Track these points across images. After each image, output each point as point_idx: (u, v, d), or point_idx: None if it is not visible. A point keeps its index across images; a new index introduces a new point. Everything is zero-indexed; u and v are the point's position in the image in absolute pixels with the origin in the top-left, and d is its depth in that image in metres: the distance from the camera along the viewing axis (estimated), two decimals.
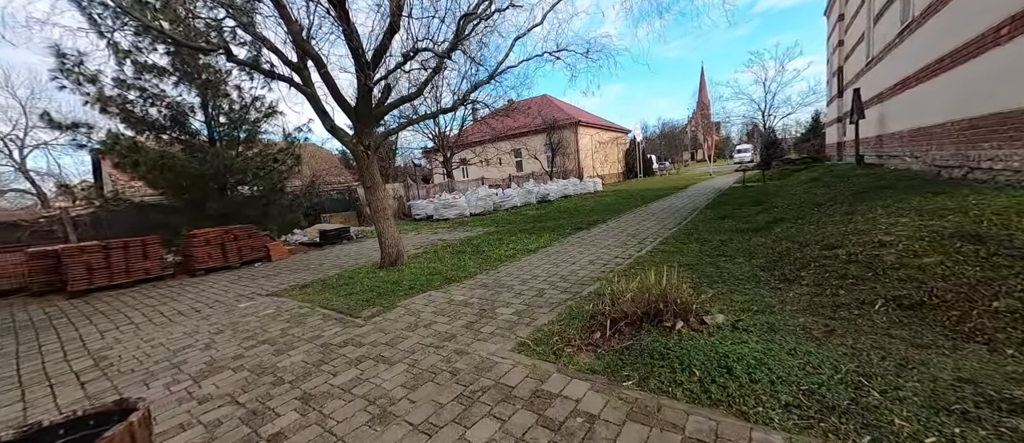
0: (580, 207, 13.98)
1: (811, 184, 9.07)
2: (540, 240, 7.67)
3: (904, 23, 7.93)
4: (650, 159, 43.25)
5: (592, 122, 35.69)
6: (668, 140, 69.31)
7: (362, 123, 5.63)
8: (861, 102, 9.38)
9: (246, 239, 8.37)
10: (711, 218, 8.51)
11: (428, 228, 12.17)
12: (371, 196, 5.94)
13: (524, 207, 16.15)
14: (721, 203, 11.06)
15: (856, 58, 12.20)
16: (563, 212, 12.96)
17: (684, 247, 5.85)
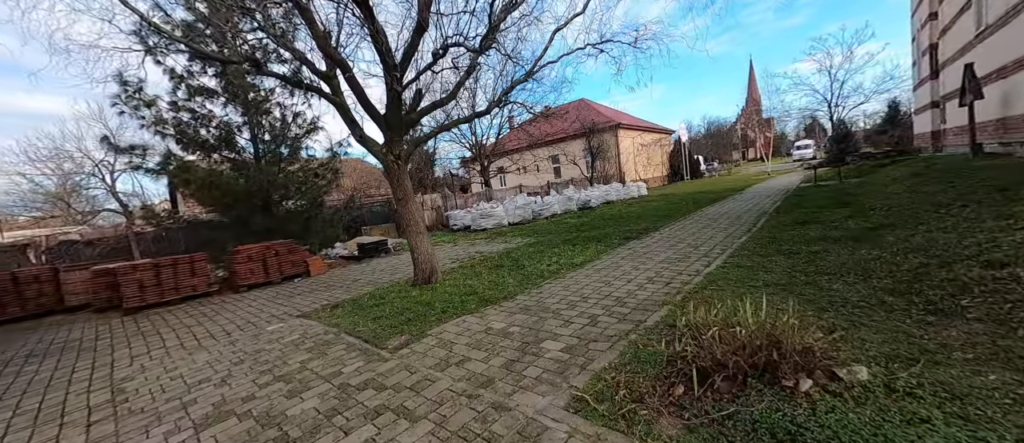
0: (625, 213, 12.97)
1: (915, 181, 7.55)
2: (585, 252, 6.90)
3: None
4: (697, 160, 40.71)
5: (633, 124, 34.19)
6: (715, 139, 65.25)
7: (392, 131, 5.25)
8: (977, 80, 7.73)
9: (286, 255, 8.35)
10: (787, 224, 7.29)
11: (465, 239, 11.76)
12: (403, 209, 5.53)
13: (564, 215, 15.36)
14: (795, 205, 9.64)
15: (959, 30, 10.31)
16: (607, 219, 12.04)
17: (766, 261, 4.84)
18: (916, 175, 7.81)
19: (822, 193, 11.09)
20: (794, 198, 11.02)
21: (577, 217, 13.85)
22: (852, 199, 8.74)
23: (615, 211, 14.31)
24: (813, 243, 5.37)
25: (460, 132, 22.45)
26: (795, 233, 6.32)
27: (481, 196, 19.39)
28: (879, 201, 7.38)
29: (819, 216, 7.47)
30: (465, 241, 11.30)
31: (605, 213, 14.01)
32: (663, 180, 36.59)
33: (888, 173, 10.81)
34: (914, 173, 7.91)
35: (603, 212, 14.51)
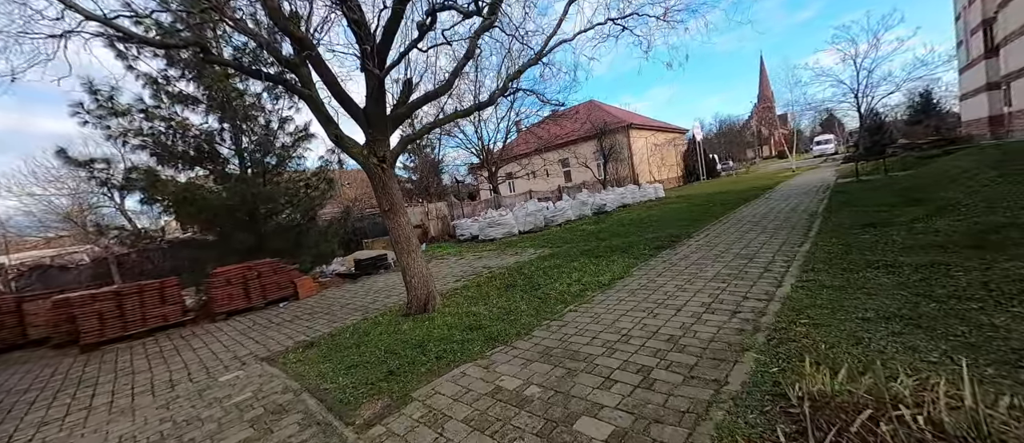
0: (646, 218, 11.80)
1: (1006, 170, 6.27)
2: (612, 267, 5.79)
3: None
4: (713, 159, 39.20)
5: (645, 124, 33.00)
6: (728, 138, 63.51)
7: (374, 129, 4.28)
8: None
9: (271, 276, 7.43)
10: (852, 227, 6.08)
11: (472, 251, 10.73)
12: (390, 222, 4.53)
13: (579, 221, 14.24)
14: (847, 204, 8.38)
15: None
16: (628, 225, 10.89)
17: (858, 278, 3.69)
18: (998, 165, 6.54)
19: (875, 189, 9.79)
20: (841, 196, 9.73)
21: (593, 223, 12.72)
22: (922, 194, 7.46)
23: (634, 215, 13.14)
24: (910, 252, 4.18)
25: (466, 137, 21.62)
26: (872, 238, 5.12)
27: (489, 203, 18.41)
28: (964, 195, 6.12)
29: (890, 217, 6.25)
30: (472, 253, 10.27)
31: (623, 218, 12.85)
32: (678, 181, 35.21)
33: (948, 164, 9.46)
34: (999, 160, 6.64)
35: (621, 217, 13.35)
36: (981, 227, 4.34)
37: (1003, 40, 10.60)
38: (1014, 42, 9.92)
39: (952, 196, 6.43)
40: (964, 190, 6.31)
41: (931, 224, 5.30)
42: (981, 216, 4.82)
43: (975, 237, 4.18)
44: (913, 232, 5.07)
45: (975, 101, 13.64)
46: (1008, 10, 10.15)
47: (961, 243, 4.10)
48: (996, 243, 3.83)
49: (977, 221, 4.66)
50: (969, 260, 3.62)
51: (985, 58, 12.20)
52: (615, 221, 12.40)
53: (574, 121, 23.90)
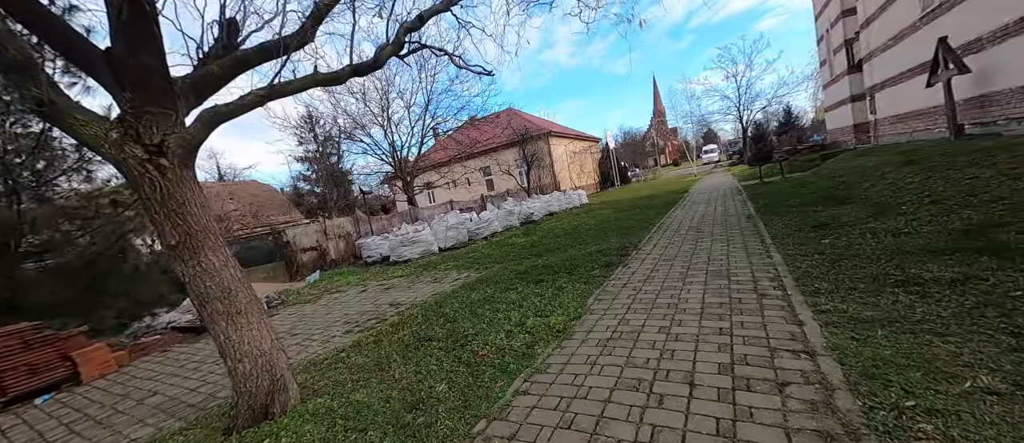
0: (580, 226, 10.89)
1: (916, 169, 6.44)
2: (562, 297, 4.38)
3: None
4: (625, 167, 41.73)
5: (563, 132, 33.51)
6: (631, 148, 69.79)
7: (137, 93, 2.22)
8: (955, 53, 7.00)
9: (20, 353, 4.50)
10: (802, 230, 5.62)
11: (380, 277, 8.58)
12: (188, 266, 2.45)
13: (507, 232, 12.87)
14: (771, 205, 8.31)
15: (893, 15, 10.09)
16: (563, 235, 9.79)
17: (894, 303, 2.78)
18: (908, 163, 6.81)
19: (785, 190, 10.18)
20: (759, 198, 9.88)
21: (524, 234, 11.43)
22: (841, 192, 7.57)
23: (566, 224, 12.21)
24: (911, 261, 3.49)
25: (374, 143, 18.97)
26: (842, 244, 4.52)
27: (405, 216, 16.11)
28: (891, 194, 6.08)
29: (832, 217, 5.94)
30: (379, 281, 8.13)
31: (555, 227, 11.82)
32: (596, 187, 36.43)
33: (843, 165, 10.20)
34: (906, 161, 6.93)
35: (552, 226, 12.32)
36: (964, 227, 3.88)
37: (866, 56, 11.99)
38: (877, 57, 11.20)
39: (876, 194, 6.41)
40: (890, 189, 6.31)
41: (885, 224, 4.93)
42: (938, 215, 4.50)
43: (966, 239, 3.64)
44: (877, 234, 4.59)
45: (840, 111, 15.63)
46: (870, 30, 11.47)
47: (958, 248, 3.50)
48: (1003, 246, 3.25)
49: (953, 221, 4.25)
50: (999, 269, 2.93)
51: (848, 73, 13.93)
52: (547, 231, 11.26)
53: (495, 126, 22.77)
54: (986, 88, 6.88)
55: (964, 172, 5.25)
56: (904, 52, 9.65)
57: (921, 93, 8.93)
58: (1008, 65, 6.29)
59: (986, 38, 6.71)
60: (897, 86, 10.24)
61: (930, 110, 8.79)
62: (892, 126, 11.01)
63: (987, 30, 6.63)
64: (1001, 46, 6.36)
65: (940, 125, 8.50)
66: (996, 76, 6.59)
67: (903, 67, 9.78)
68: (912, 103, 9.57)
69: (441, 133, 23.86)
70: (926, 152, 6.99)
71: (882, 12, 10.64)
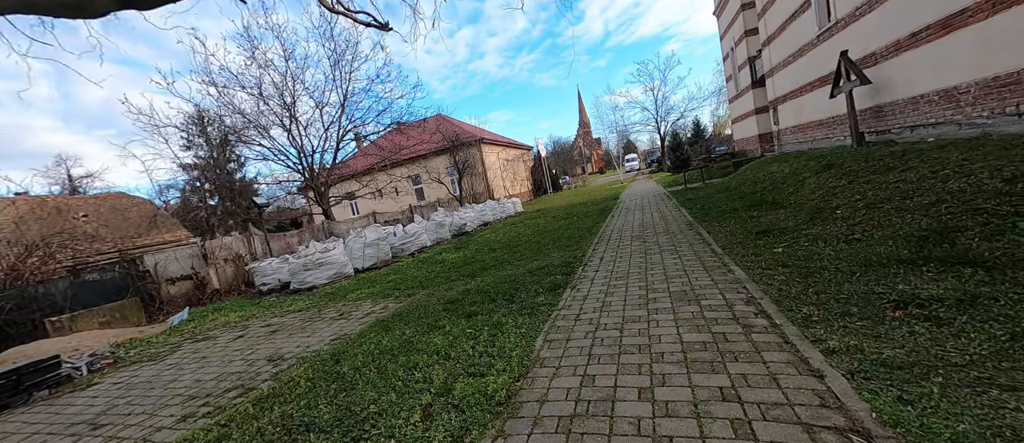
0: (516, 238, 10.04)
1: (836, 173, 6.68)
2: (500, 340, 3.35)
3: None
4: (557, 174, 42.62)
5: (495, 139, 33.00)
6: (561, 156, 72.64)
7: None
8: (856, 65, 7.52)
9: None
10: (748, 237, 5.35)
11: (271, 312, 6.76)
12: None
13: (437, 247, 11.56)
14: (705, 211, 8.27)
15: (793, 34, 10.97)
16: (499, 249, 8.83)
17: (914, 337, 2.22)
18: (826, 169, 7.12)
19: (711, 195, 10.43)
20: (692, 204, 9.95)
21: (456, 249, 10.24)
22: (767, 197, 7.71)
23: (501, 235, 11.29)
24: (885, 273, 3.11)
25: (283, 150, 16.26)
26: (802, 254, 4.18)
27: (318, 232, 13.87)
28: (818, 199, 6.14)
29: (772, 223, 5.80)
30: (267, 318, 6.35)
31: (490, 239, 10.82)
32: (529, 195, 36.45)
33: (757, 172, 10.78)
34: (823, 167, 7.25)
35: (487, 238, 11.31)
36: (920, 233, 3.67)
37: (769, 72, 13.03)
38: (779, 73, 12.17)
39: (804, 199, 6.48)
40: (816, 194, 6.41)
41: (828, 229, 4.77)
42: (881, 220, 4.38)
43: (931, 247, 3.39)
44: (828, 242, 4.35)
45: (746, 123, 17.06)
46: (771, 48, 12.48)
47: (930, 257, 3.20)
48: (979, 257, 2.97)
49: (902, 226, 4.09)
50: (997, 284, 2.57)
51: (752, 88, 15.18)
52: (482, 244, 10.22)
53: (423, 131, 21.25)
54: (881, 99, 7.46)
55: (886, 176, 5.38)
56: (804, 67, 10.46)
57: (821, 104, 9.64)
58: (900, 78, 6.79)
59: (879, 53, 7.25)
60: (798, 98, 11.12)
61: (829, 120, 9.51)
62: (793, 135, 11.99)
63: (881, 45, 7.16)
64: (894, 60, 6.87)
65: (838, 134, 9.22)
66: (889, 88, 7.12)
67: (803, 81, 10.60)
68: (812, 114, 10.37)
69: (363, 138, 21.66)
70: (837, 158, 7.37)
71: (782, 31, 11.58)
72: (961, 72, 5.60)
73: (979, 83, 5.31)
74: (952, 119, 5.91)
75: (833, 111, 9.22)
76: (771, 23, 12.38)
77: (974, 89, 5.41)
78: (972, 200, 3.73)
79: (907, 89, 6.76)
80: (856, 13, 7.84)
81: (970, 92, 5.48)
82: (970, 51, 5.39)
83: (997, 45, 4.97)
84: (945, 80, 5.89)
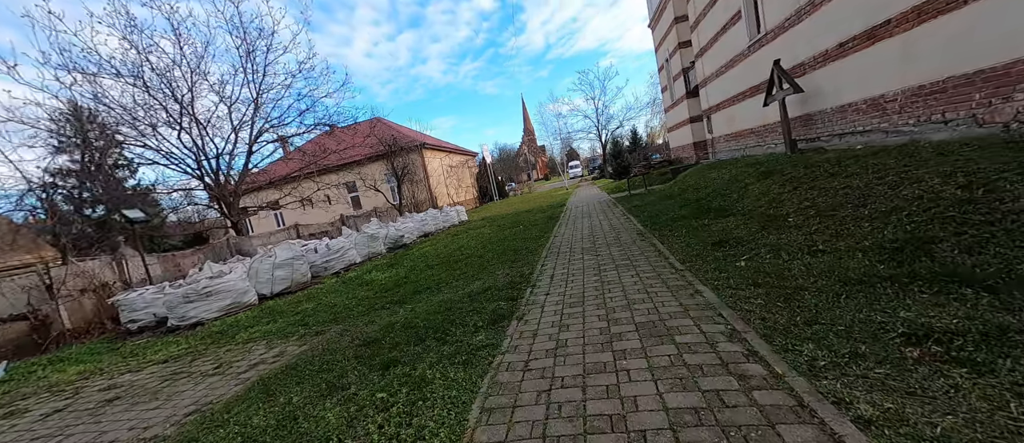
0: (458, 252, 9.06)
1: (777, 180, 6.67)
2: (421, 414, 2.41)
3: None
4: (503, 181, 42.18)
5: (438, 144, 31.69)
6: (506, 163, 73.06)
7: None
8: (788, 74, 7.71)
9: None
10: (705, 249, 4.95)
11: (126, 364, 5.08)
12: None
13: (368, 263, 10.17)
14: (652, 219, 7.99)
15: (725, 45, 11.35)
16: (436, 266, 7.79)
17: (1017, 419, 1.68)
18: (768, 175, 7.14)
19: (656, 202, 10.33)
20: (639, 211, 9.72)
21: (388, 267, 8.99)
22: (713, 204, 7.58)
23: (442, 248, 10.23)
24: (873, 291, 2.69)
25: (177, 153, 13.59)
26: (770, 269, 3.76)
27: (220, 250, 11.67)
28: (765, 206, 6.00)
29: (725, 233, 5.50)
30: (112, 375, 4.70)
31: (429, 254, 9.72)
32: (474, 202, 35.52)
33: (698, 178, 10.93)
34: (764, 173, 7.28)
35: (425, 252, 10.18)
36: (891, 244, 3.38)
37: (702, 82, 13.50)
38: (712, 83, 12.60)
39: (751, 207, 6.34)
40: (763, 201, 6.29)
41: (785, 238, 4.48)
42: (839, 229, 4.14)
43: (909, 260, 3.06)
44: (791, 254, 4.00)
45: (681, 131, 17.73)
46: (704, 59, 12.92)
47: (915, 275, 2.85)
48: (971, 273, 2.63)
49: (866, 235, 3.82)
50: (1012, 311, 2.17)
51: (687, 98, 15.76)
52: (419, 259, 9.08)
53: (356, 134, 19.40)
54: (810, 108, 7.69)
55: (830, 182, 5.32)
56: (736, 77, 10.81)
57: (753, 113, 9.94)
58: (828, 87, 6.97)
59: (808, 63, 7.47)
60: (731, 107, 11.51)
61: (760, 128, 9.81)
62: (727, 143, 12.43)
63: (809, 55, 7.37)
64: (822, 70, 7.07)
65: (770, 141, 9.53)
66: (818, 97, 7.34)
67: (736, 90, 10.96)
68: (745, 122, 10.72)
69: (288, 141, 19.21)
70: (775, 164, 7.45)
71: (714, 43, 11.99)
72: (888, 81, 5.76)
73: (906, 92, 5.46)
74: (879, 127, 6.09)
75: (764, 119, 9.52)
76: (703, 35, 12.82)
77: (901, 97, 5.57)
78: (933, 208, 3.53)
79: (836, 98, 6.97)
80: (785, 24, 8.08)
81: (897, 100, 5.64)
82: (896, 61, 5.55)
83: (922, 55, 5.10)
84: (872, 89, 6.08)
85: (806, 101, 7.87)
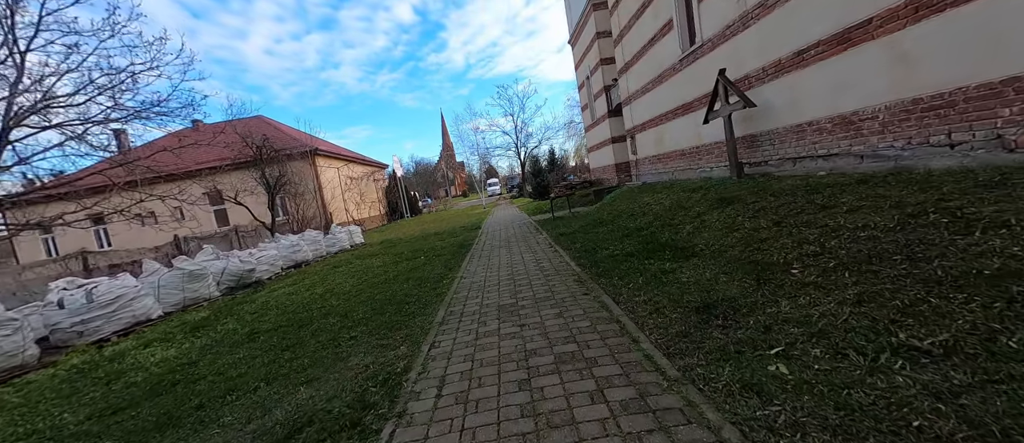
0: (318, 302, 6.10)
1: (731, 211, 5.29)
2: None
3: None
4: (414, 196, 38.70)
5: (336, 152, 27.31)
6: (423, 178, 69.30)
7: None
8: (735, 85, 6.63)
9: None
10: (687, 319, 3.08)
11: None
12: None
13: (169, 321, 6.44)
14: (588, 254, 6.15)
15: (653, 59, 10.45)
16: (272, 330, 4.78)
17: None
18: (726, 203, 5.81)
19: (587, 229, 8.64)
20: (569, 240, 7.88)
21: (187, 333, 5.57)
22: (668, 239, 5.97)
23: (301, 292, 7.07)
24: None
25: None
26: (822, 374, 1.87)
27: None
28: (748, 247, 4.47)
29: (708, 287, 3.74)
30: None
31: (276, 304, 6.50)
32: (381, 219, 31.49)
33: (633, 204, 9.64)
34: (720, 200, 5.95)
35: (274, 300, 6.89)
36: None
37: (626, 100, 12.64)
38: (637, 101, 11.75)
39: (719, 244, 4.79)
40: (733, 237, 4.77)
41: (815, 308, 2.78)
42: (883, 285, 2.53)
43: None
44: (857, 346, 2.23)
45: (602, 152, 17.00)
46: (628, 75, 12.06)
47: None
48: None
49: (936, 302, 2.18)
50: None
51: (609, 117, 14.98)
52: (249, 318, 5.84)
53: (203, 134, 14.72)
54: (756, 128, 6.72)
55: (828, 219, 3.93)
56: (665, 94, 9.91)
57: (685, 133, 9.00)
58: (780, 102, 5.94)
59: (755, 75, 6.47)
60: (659, 127, 10.61)
61: (693, 150, 8.86)
62: (653, 165, 11.56)
63: (757, 67, 6.36)
64: (774, 83, 6.04)
65: (704, 164, 8.58)
66: (767, 115, 6.34)
67: (665, 108, 10.05)
68: (675, 143, 9.80)
69: (105, 139, 13.59)
70: (729, 191, 6.22)
71: (640, 57, 11.13)
72: (866, 94, 4.73)
73: (891, 107, 4.43)
74: (850, 150, 5.06)
75: (699, 140, 8.57)
76: (628, 49, 11.97)
77: (884, 114, 4.54)
78: None
79: (792, 115, 5.97)
80: (727, 33, 7.11)
81: (878, 118, 4.61)
82: (880, 69, 4.51)
83: (920, 59, 4.06)
84: (843, 105, 5.06)
85: (751, 120, 6.90)
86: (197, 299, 7.72)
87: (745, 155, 7.18)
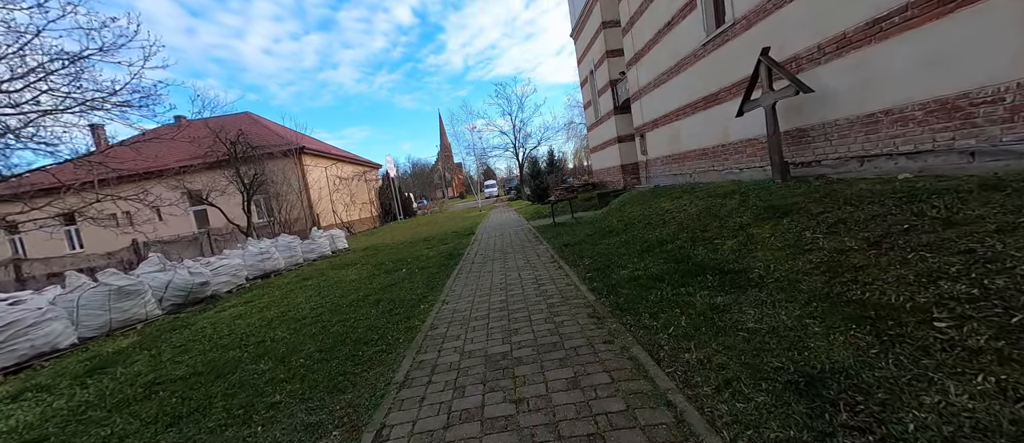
0: (267, 329, 4.81)
1: (789, 222, 4.08)
2: None
3: None
4: (408, 198, 37.40)
5: (326, 151, 26.00)
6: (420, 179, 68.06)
7: None
8: (785, 68, 5.41)
9: None
10: (778, 390, 1.80)
11: None
12: None
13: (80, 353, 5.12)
14: (606, 274, 4.90)
15: (669, 46, 9.24)
16: (178, 384, 3.47)
17: None
18: (780, 213, 4.59)
19: (601, 239, 7.40)
20: (577, 256, 6.62)
21: (88, 375, 4.25)
22: (702, 257, 4.72)
23: (254, 314, 5.77)
24: None
25: None
26: None
27: None
28: (828, 279, 3.23)
29: (804, 346, 2.48)
30: None
31: (203, 336, 5.20)
32: (374, 221, 30.17)
33: (641, 209, 8.41)
34: (770, 210, 4.74)
35: (206, 329, 5.56)
36: None
37: (635, 95, 11.42)
38: (648, 95, 10.52)
39: (780, 267, 3.55)
40: (809, 262, 3.54)
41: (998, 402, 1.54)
42: None
43: None
44: None
45: (606, 153, 15.77)
46: (639, 66, 10.82)
47: None
48: None
49: None
50: None
51: (615, 114, 13.75)
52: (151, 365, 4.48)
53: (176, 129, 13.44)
54: (807, 119, 5.47)
55: (941, 236, 2.73)
56: (683, 85, 8.70)
57: (707, 129, 7.82)
58: (841, 88, 4.71)
59: (806, 57, 5.24)
60: (675, 123, 9.40)
61: (716, 149, 7.64)
62: (666, 166, 10.34)
63: (811, 45, 5.13)
64: (834, 63, 4.82)
65: (730, 165, 7.36)
66: (823, 103, 5.09)
67: (683, 102, 8.83)
68: (694, 141, 8.58)
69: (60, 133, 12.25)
70: (778, 198, 4.99)
71: (654, 45, 9.93)
72: (982, 70, 3.51)
73: None
74: (953, 145, 3.84)
75: (725, 137, 7.35)
76: (640, 37, 10.76)
77: (1016, 95, 3.31)
78: None
79: (859, 103, 4.75)
80: (768, 6, 5.89)
81: (1004, 100, 3.38)
82: (1008, 31, 3.29)
83: None
84: (942, 85, 3.84)
85: (799, 111, 5.68)
86: (129, 320, 6.42)
87: (791, 153, 5.96)
